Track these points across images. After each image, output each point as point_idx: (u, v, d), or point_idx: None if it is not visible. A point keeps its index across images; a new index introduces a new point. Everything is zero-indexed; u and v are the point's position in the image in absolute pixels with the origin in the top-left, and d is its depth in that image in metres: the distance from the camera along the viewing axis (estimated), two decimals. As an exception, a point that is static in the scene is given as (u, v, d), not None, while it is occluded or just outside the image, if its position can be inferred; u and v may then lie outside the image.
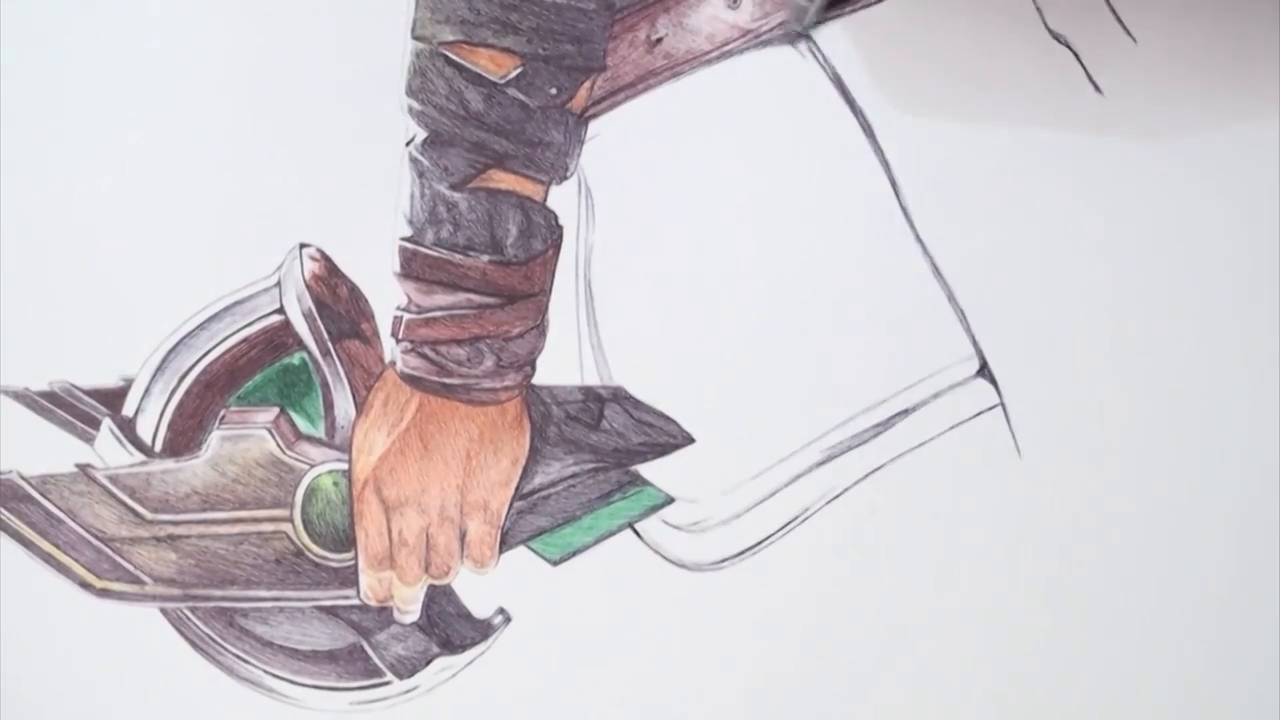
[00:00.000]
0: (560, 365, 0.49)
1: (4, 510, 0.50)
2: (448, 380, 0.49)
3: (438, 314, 0.48)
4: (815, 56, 0.49)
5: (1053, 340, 0.48)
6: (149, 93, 0.51)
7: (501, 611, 0.49)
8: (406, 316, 0.49)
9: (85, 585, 0.50)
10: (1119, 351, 0.47)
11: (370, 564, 0.49)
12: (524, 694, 0.49)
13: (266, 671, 0.50)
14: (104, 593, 0.50)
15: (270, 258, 0.50)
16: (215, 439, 0.50)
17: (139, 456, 0.50)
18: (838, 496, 0.48)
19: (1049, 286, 0.48)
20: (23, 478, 0.50)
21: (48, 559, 0.50)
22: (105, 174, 0.51)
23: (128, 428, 0.50)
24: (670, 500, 0.49)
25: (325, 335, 0.50)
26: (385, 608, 0.50)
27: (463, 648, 0.49)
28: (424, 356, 0.49)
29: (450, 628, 0.49)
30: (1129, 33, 0.48)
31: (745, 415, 0.49)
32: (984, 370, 0.48)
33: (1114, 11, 0.48)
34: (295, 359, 0.50)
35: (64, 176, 0.51)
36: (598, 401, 0.49)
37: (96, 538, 0.50)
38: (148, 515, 0.50)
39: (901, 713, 0.48)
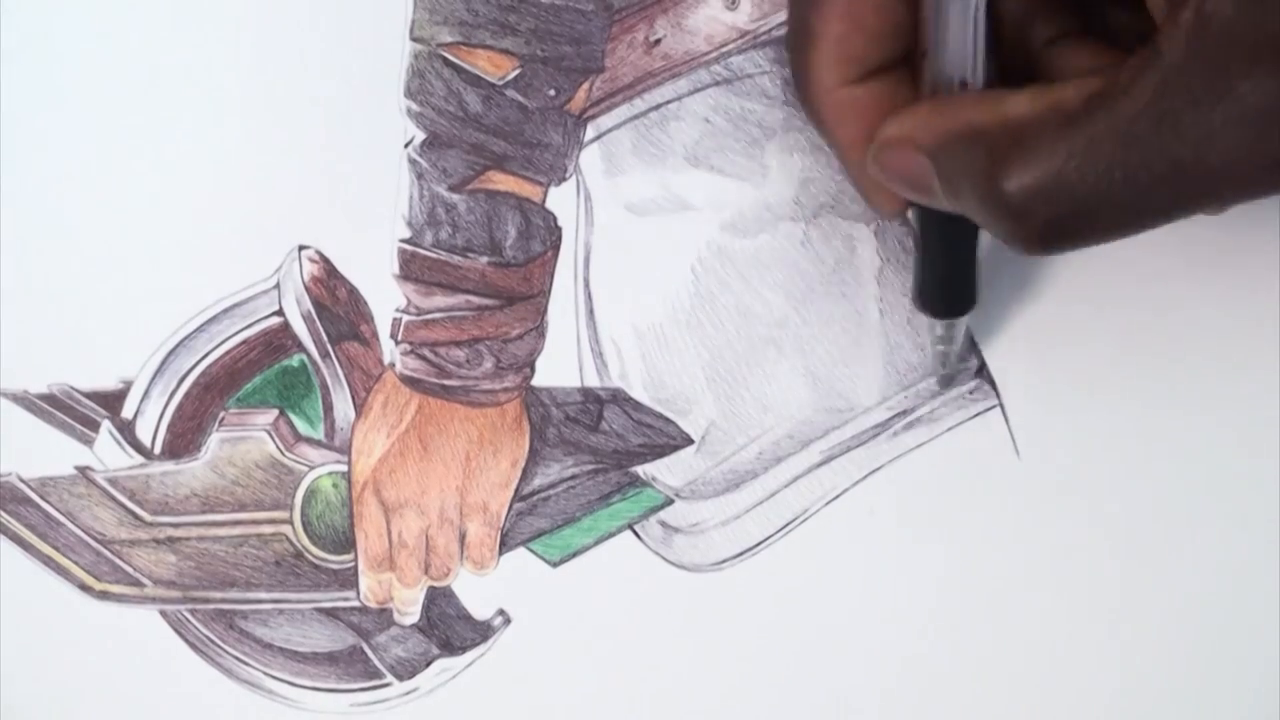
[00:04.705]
0: (559, 367, 0.49)
1: (3, 513, 0.50)
2: (447, 382, 0.49)
3: (437, 316, 0.49)
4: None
5: (1052, 340, 0.48)
6: (146, 94, 0.51)
7: (501, 613, 0.49)
8: (405, 318, 0.49)
9: (84, 587, 0.50)
10: (1119, 351, 0.47)
11: (370, 566, 0.49)
12: (524, 695, 0.49)
13: (266, 673, 0.50)
14: (103, 595, 0.50)
15: (269, 260, 0.50)
16: (214, 441, 0.50)
17: (138, 459, 0.50)
18: (837, 498, 0.48)
19: (1048, 287, 0.48)
20: (22, 480, 0.50)
21: (47, 561, 0.50)
22: (103, 176, 0.51)
23: (127, 430, 0.50)
24: (670, 501, 0.49)
25: (324, 337, 0.50)
26: (385, 609, 0.50)
27: (463, 649, 0.49)
28: (423, 358, 0.49)
29: (450, 629, 0.49)
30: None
31: (744, 415, 0.49)
32: (983, 370, 0.48)
33: (1112, 11, 0.48)
34: (294, 361, 0.50)
35: (62, 178, 0.51)
36: (597, 403, 0.49)
37: (96, 540, 0.50)
38: (147, 517, 0.50)
39: (901, 713, 0.48)
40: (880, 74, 0.43)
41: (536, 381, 0.49)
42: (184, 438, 0.50)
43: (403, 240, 0.49)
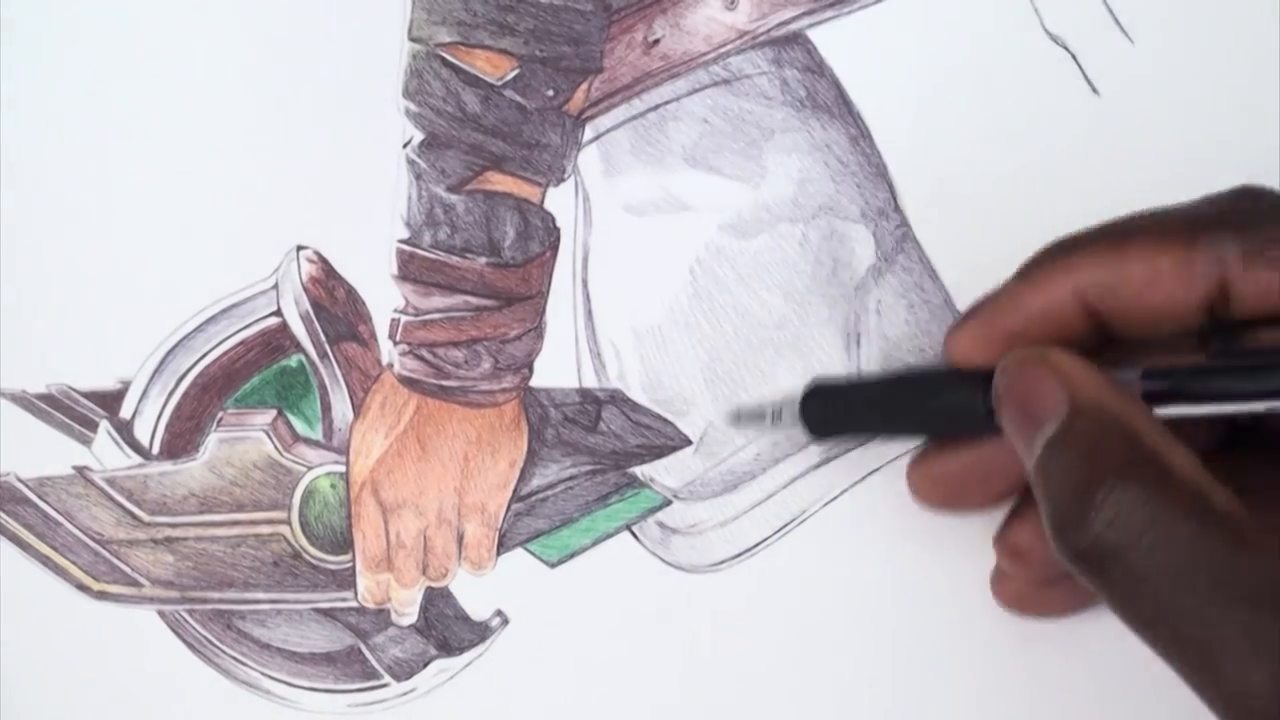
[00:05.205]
0: (558, 367, 0.49)
1: (1, 513, 0.50)
2: (445, 383, 0.49)
3: (435, 316, 0.49)
4: (812, 56, 0.49)
5: (1051, 342, 0.48)
6: (145, 95, 0.51)
7: (499, 613, 0.49)
8: (404, 319, 0.49)
9: (83, 587, 0.50)
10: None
11: (368, 566, 0.49)
12: (522, 696, 0.49)
13: (264, 674, 0.50)
14: (101, 595, 0.50)
15: (267, 260, 0.50)
16: (213, 441, 0.50)
17: (136, 459, 0.50)
18: (835, 499, 0.48)
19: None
20: (20, 480, 0.50)
21: (45, 561, 0.50)
22: (102, 176, 0.51)
23: (125, 430, 0.50)
24: (668, 502, 0.49)
25: (323, 338, 0.50)
26: (383, 610, 0.50)
27: (460, 650, 0.49)
28: (421, 359, 0.49)
29: (448, 630, 0.49)
30: (1126, 34, 0.48)
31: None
32: (982, 372, 0.48)
33: (1111, 12, 0.48)
34: (293, 361, 0.50)
35: (61, 178, 0.51)
36: (595, 404, 0.49)
37: (94, 540, 0.50)
38: (145, 518, 0.50)
39: (901, 714, 0.48)
40: None
41: (535, 382, 0.49)
42: (182, 438, 0.50)
43: (401, 241, 0.49)
